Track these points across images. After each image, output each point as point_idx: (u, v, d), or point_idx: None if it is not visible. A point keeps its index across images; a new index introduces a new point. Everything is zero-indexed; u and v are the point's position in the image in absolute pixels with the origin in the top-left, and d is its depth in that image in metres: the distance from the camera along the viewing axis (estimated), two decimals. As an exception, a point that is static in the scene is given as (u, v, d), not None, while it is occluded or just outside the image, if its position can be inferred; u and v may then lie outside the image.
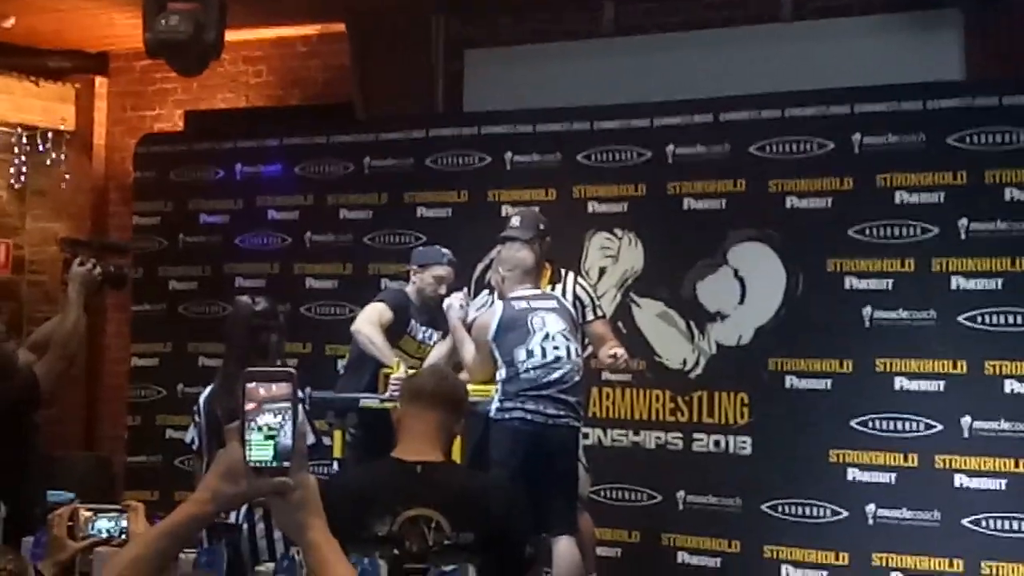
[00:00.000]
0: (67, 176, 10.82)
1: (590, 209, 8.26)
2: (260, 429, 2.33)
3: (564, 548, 6.63)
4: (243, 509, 5.34)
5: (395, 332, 7.34)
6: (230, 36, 8.40)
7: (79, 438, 10.68)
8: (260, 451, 2.34)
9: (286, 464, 2.33)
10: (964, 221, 7.30)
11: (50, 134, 10.74)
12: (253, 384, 2.32)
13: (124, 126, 10.97)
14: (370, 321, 7.29)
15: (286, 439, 2.32)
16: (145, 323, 9.68)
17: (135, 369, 9.75)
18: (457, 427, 4.43)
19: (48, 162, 10.73)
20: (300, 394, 5.65)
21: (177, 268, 9.63)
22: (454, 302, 7.11)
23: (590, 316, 7.22)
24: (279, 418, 2.32)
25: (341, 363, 8.67)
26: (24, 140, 10.63)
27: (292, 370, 2.36)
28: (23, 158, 10.67)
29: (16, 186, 10.77)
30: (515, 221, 7.30)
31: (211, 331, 9.19)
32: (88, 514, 4.10)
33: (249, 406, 2.33)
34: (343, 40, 9.82)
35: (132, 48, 10.29)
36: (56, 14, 9.66)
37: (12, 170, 10.68)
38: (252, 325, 5.80)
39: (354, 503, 4.09)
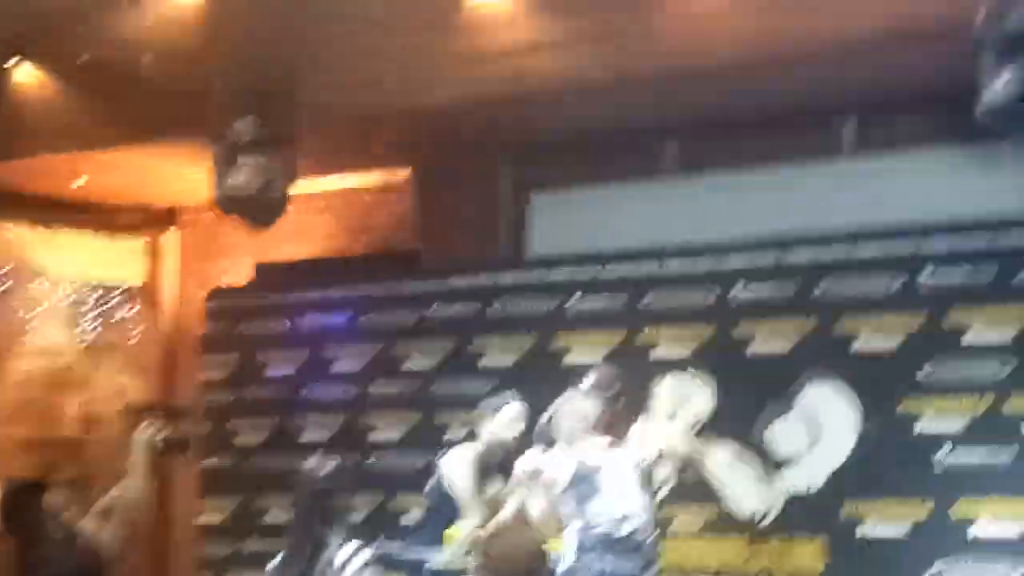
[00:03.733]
0: (136, 330, 10.88)
1: (656, 353, 8.16)
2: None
3: None
4: None
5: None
6: (297, 188, 8.50)
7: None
8: None
9: None
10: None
11: (121, 288, 10.84)
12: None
13: (194, 278, 11.05)
14: (461, 463, 7.19)
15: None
16: (214, 478, 9.62)
17: (204, 526, 9.68)
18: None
19: (119, 316, 10.81)
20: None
21: (244, 421, 9.59)
22: (528, 460, 6.97)
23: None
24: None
25: (408, 517, 8.61)
26: (95, 296, 10.73)
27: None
28: (95, 313, 10.76)
29: (87, 342, 10.84)
30: (590, 378, 7.19)
31: (279, 485, 9.16)
32: None
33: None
34: (407, 187, 9.87)
35: (201, 200, 10.41)
36: (126, 170, 9.79)
37: (83, 325, 10.77)
38: (319, 491, 5.70)
39: None
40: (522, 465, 6.99)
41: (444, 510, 7.22)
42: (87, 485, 10.35)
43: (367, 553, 5.60)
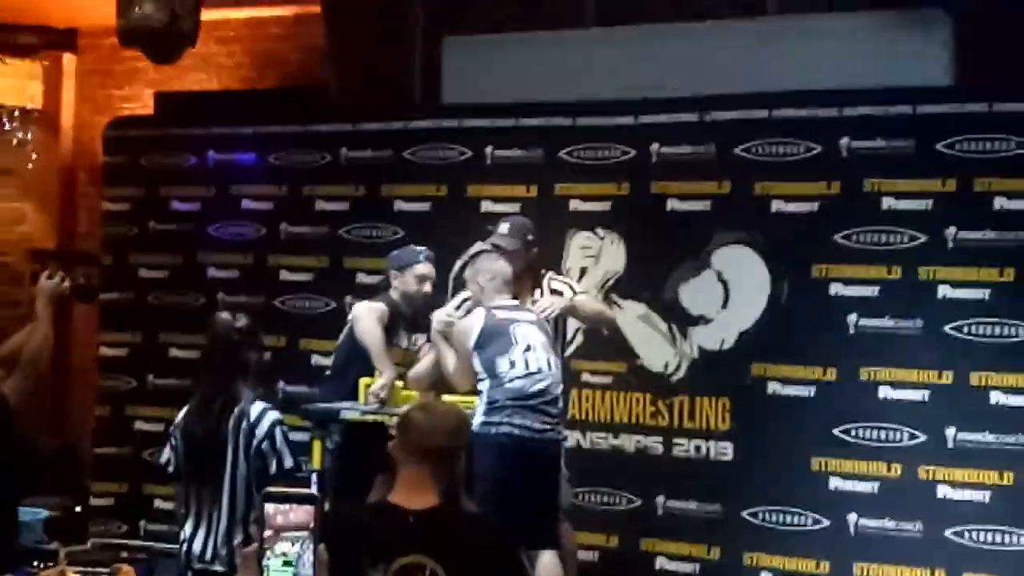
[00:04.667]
0: (35, 155, 10.62)
1: (572, 207, 8.13)
2: (278, 556, 2.21)
3: (547, 563, 6.54)
4: None
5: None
6: (204, 16, 8.24)
7: (46, 423, 10.51)
8: None
9: None
10: (952, 230, 7.21)
11: (17, 112, 10.54)
12: (272, 508, 2.21)
13: (93, 104, 10.79)
14: (373, 316, 7.15)
15: (305, 569, 2.21)
16: (114, 312, 9.48)
17: (104, 359, 9.58)
18: (458, 466, 4.31)
19: (15, 141, 10.54)
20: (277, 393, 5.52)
21: (148, 256, 9.44)
22: (441, 315, 6.97)
23: (570, 295, 7.11)
24: (297, 547, 2.20)
25: (316, 358, 8.59)
26: (-8, 118, 10.46)
27: (314, 493, 2.24)
28: (-9, 136, 10.50)
29: (-18, 164, 10.60)
30: (503, 228, 7.19)
31: (182, 321, 9.08)
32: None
33: (267, 533, 2.21)
34: (319, 22, 9.65)
35: (102, 25, 10.09)
36: (24, -10, 9.46)
37: (-21, 148, 10.51)
38: (232, 342, 5.65)
39: (349, 549, 3.97)
40: (436, 318, 6.99)
41: (355, 362, 7.21)
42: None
43: (274, 413, 5.60)
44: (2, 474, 5.43)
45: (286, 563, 2.21)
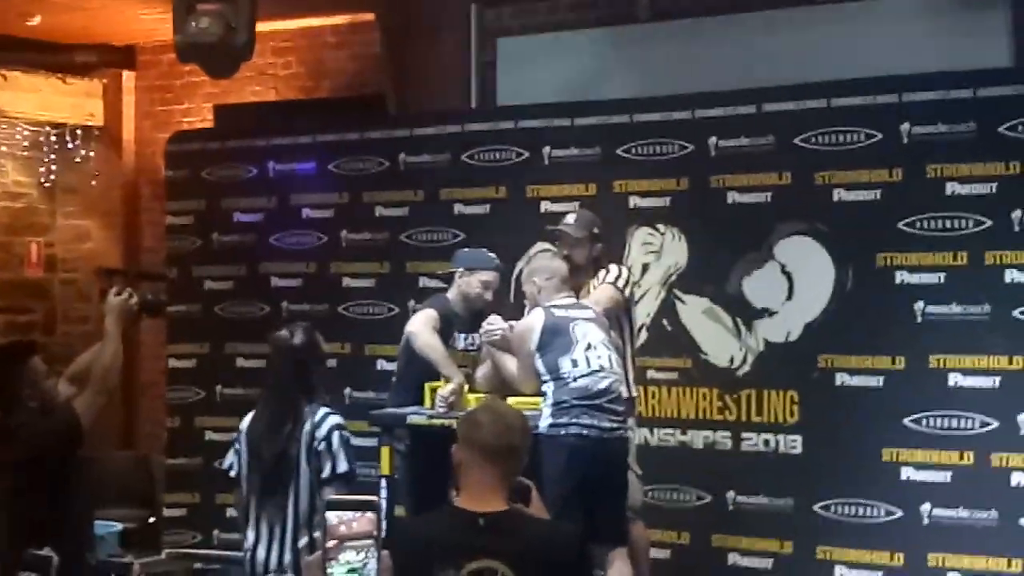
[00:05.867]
0: (97, 173, 10.73)
1: (631, 204, 8.10)
2: (342, 564, 2.20)
3: (618, 561, 6.52)
4: None
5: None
6: (258, 27, 8.29)
7: (117, 436, 10.62)
8: None
9: None
10: (1018, 213, 7.12)
11: (79, 131, 10.66)
12: (335, 518, 2.20)
13: (153, 120, 10.89)
14: (428, 327, 7.16)
15: (371, 576, 2.20)
16: (181, 324, 9.55)
17: (172, 370, 9.65)
18: (521, 467, 4.30)
19: (78, 159, 10.65)
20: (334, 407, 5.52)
21: (212, 268, 9.50)
22: (494, 328, 6.92)
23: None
24: (362, 555, 2.20)
25: (382, 363, 8.61)
26: (53, 137, 10.55)
27: (375, 499, 2.24)
28: (52, 156, 10.60)
29: (46, 184, 10.70)
30: (570, 219, 7.20)
31: (248, 331, 9.14)
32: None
33: (330, 543, 2.20)
34: (373, 29, 9.69)
35: (159, 41, 10.20)
36: (82, 11, 9.54)
37: (42, 168, 10.62)
38: (292, 360, 5.66)
39: (418, 554, 3.96)
40: (486, 326, 6.96)
41: (418, 368, 7.21)
42: (53, 323, 10.45)
43: (336, 418, 5.61)
44: (74, 490, 5.49)
45: (351, 571, 2.21)
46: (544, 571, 4.05)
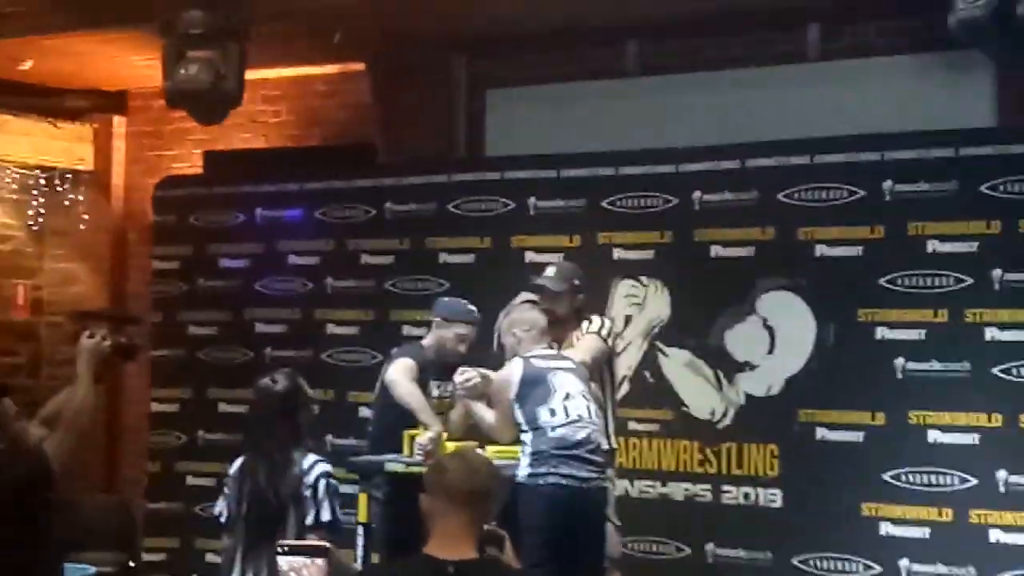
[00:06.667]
0: (86, 216, 10.74)
1: (615, 256, 8.14)
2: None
3: (595, 612, 6.51)
4: None
5: (415, 391, 7.23)
6: (248, 75, 8.35)
7: (98, 480, 10.58)
8: None
9: None
10: (999, 271, 7.17)
11: (69, 175, 10.68)
12: (285, 564, 2.21)
13: (143, 165, 10.89)
14: (407, 376, 7.17)
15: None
16: (165, 368, 9.56)
17: (155, 415, 9.64)
18: (491, 515, 4.31)
19: (67, 203, 10.67)
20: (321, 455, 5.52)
21: (197, 313, 9.52)
22: (467, 380, 6.93)
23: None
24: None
25: (364, 411, 8.60)
26: (42, 181, 10.58)
27: (328, 546, 2.24)
28: (41, 199, 10.62)
29: (34, 227, 10.72)
30: (549, 271, 7.20)
31: (231, 377, 9.14)
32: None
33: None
34: (363, 79, 9.73)
35: (150, 87, 10.22)
36: (73, 56, 9.59)
37: (31, 211, 10.63)
38: (275, 409, 5.65)
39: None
40: (459, 378, 6.95)
41: (395, 415, 7.21)
42: (38, 366, 10.42)
43: (325, 466, 5.59)
44: (45, 533, 5.45)
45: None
46: (513, 619, 4.06)
